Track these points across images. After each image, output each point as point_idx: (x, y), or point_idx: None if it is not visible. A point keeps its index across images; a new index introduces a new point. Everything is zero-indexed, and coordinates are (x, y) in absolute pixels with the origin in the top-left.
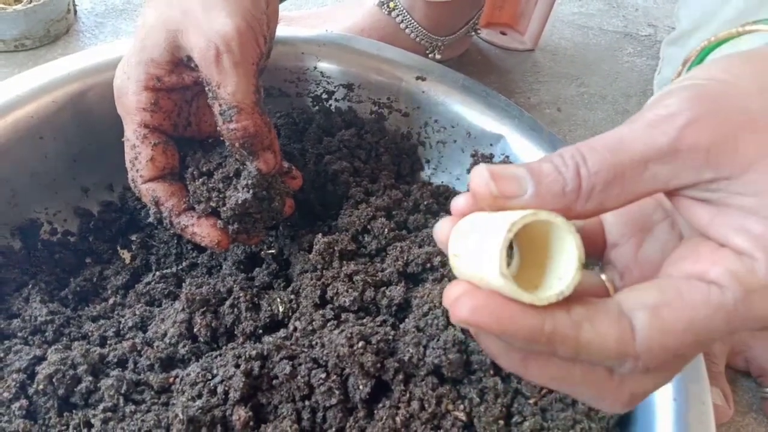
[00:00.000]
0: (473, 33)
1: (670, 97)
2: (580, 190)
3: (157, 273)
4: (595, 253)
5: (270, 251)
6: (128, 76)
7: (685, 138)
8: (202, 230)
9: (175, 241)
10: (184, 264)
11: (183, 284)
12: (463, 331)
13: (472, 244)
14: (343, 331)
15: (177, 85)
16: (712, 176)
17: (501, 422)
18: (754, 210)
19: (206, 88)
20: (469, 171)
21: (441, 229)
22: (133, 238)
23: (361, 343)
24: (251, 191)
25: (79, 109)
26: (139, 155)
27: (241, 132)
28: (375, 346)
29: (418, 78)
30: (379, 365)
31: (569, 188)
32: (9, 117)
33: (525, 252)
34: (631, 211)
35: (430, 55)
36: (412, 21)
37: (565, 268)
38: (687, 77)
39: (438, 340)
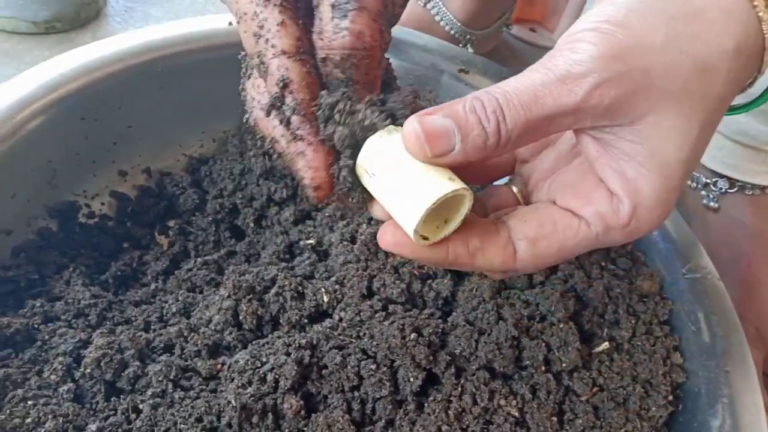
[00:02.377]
0: (505, 28)
1: (580, 43)
2: (499, 143)
3: (198, 259)
4: (508, 168)
5: (309, 242)
6: None
7: (591, 99)
8: (313, 159)
9: (213, 229)
10: (222, 252)
11: (224, 272)
12: (516, 326)
13: (393, 182)
14: (393, 322)
15: None
16: (608, 123)
17: (554, 419)
18: (633, 155)
19: None
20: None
21: None
22: (171, 224)
23: (413, 335)
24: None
25: (120, 90)
26: (264, 22)
27: (349, 39)
28: (427, 339)
29: (460, 71)
30: (431, 358)
31: (490, 142)
32: (54, 95)
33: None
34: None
35: None
36: (447, 13)
37: (455, 219)
38: (600, 16)
39: (490, 334)
